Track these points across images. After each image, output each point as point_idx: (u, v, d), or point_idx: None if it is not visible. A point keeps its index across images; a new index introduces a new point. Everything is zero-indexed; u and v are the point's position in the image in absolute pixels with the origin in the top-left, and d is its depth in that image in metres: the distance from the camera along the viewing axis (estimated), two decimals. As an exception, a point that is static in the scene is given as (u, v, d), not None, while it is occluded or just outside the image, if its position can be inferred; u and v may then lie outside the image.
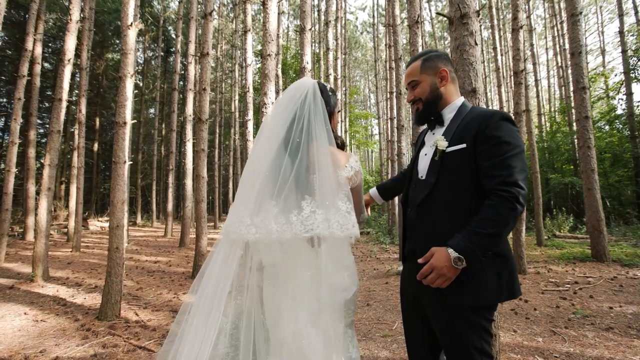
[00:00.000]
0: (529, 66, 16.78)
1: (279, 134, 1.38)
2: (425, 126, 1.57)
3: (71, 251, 8.28)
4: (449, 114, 1.45)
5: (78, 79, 9.87)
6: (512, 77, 6.91)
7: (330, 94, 1.49)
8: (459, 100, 1.46)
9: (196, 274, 1.42)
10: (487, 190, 1.24)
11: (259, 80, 16.14)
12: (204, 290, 1.28)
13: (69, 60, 5.77)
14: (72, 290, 4.98)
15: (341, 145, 1.48)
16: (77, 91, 12.84)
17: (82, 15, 7.91)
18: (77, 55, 9.06)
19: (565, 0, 7.12)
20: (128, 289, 5.11)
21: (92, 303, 4.41)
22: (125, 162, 4.16)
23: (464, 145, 1.31)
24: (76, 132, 9.65)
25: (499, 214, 1.17)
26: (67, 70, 5.78)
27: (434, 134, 1.49)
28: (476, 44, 2.51)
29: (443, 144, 1.37)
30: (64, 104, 5.72)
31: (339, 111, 1.55)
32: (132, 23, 4.38)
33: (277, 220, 1.23)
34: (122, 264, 4.01)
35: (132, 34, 4.41)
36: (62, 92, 5.71)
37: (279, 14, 11.40)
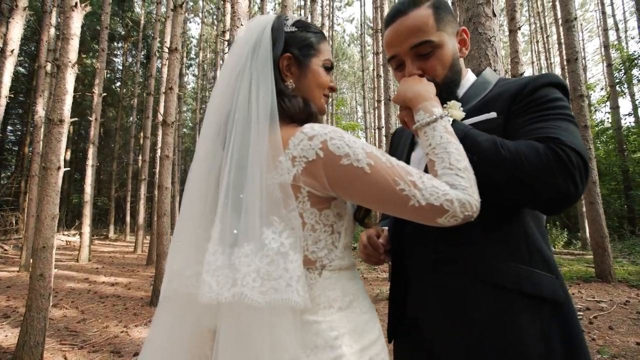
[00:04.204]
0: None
1: (216, 112, 0.78)
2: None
3: (18, 271, 7.29)
4: (461, 89, 0.93)
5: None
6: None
7: (293, 30, 0.81)
8: (471, 73, 0.97)
9: (156, 300, 0.74)
10: None
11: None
12: None
13: (11, 52, 5.01)
14: (-5, 323, 4.10)
15: (301, 113, 0.77)
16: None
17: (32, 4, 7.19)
18: (35, 53, 8.28)
19: (560, 6, 6.84)
20: (67, 321, 4.26)
21: (15, 342, 3.55)
22: (59, 168, 3.40)
23: (492, 115, 0.81)
24: (36, 137, 8.72)
25: (526, 152, 0.68)
26: (9, 63, 5.01)
27: None
28: (494, 15, 1.94)
29: (457, 113, 0.83)
30: (3, 101, 4.93)
31: (327, 66, 0.84)
32: (76, 4, 3.70)
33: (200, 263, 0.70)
34: (48, 296, 3.21)
35: (76, 17, 3.72)
36: (1, 88, 4.93)
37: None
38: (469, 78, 0.95)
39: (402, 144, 1.03)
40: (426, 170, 0.74)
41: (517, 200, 0.74)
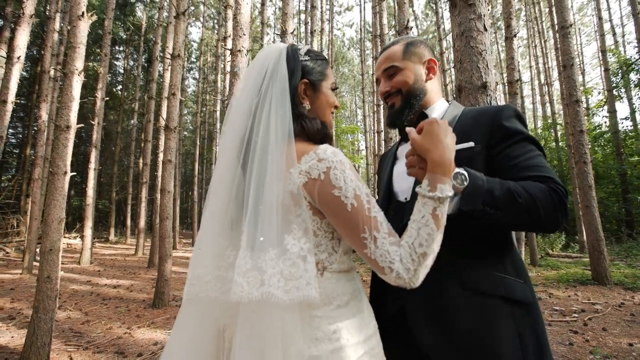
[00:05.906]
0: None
1: (235, 133, 0.88)
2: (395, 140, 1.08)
3: (21, 273, 7.35)
4: (434, 115, 1.10)
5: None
6: (507, 87, 6.61)
7: (306, 60, 0.95)
8: (443, 101, 1.15)
9: (158, 302, 0.87)
10: None
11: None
12: None
13: (18, 58, 5.11)
14: (0, 324, 4.17)
15: (318, 134, 0.91)
16: (59, 97, 11.96)
17: (43, 13, 7.28)
18: (39, 58, 8.38)
19: (556, 13, 6.96)
20: (71, 323, 4.33)
21: (21, 343, 3.63)
22: (65, 172, 3.49)
23: (470, 144, 0.94)
24: (39, 141, 8.81)
25: (540, 197, 0.80)
26: (16, 69, 5.11)
27: None
28: (485, 30, 2.04)
29: None
30: (10, 106, 5.03)
31: (333, 88, 1.00)
32: (83, 13, 3.81)
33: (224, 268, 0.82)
34: (55, 297, 3.29)
35: (83, 26, 3.83)
36: (7, 93, 5.03)
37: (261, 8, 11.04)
38: (441, 104, 1.12)
39: (387, 161, 1.19)
40: (417, 182, 0.85)
41: (522, 230, 0.90)
